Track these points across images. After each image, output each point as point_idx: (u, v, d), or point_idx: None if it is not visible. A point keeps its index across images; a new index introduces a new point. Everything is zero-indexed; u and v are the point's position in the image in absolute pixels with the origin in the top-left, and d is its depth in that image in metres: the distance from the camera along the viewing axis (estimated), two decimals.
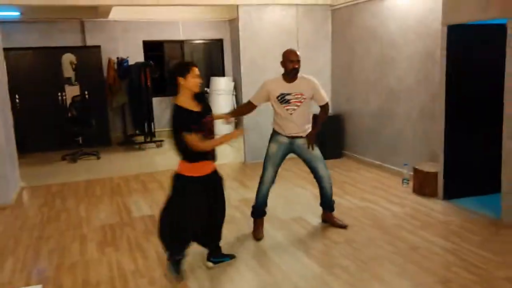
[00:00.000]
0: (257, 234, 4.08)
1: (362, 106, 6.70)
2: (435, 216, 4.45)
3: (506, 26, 4.00)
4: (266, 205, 4.15)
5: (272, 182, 4.10)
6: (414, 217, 4.45)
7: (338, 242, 3.93)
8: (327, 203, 4.30)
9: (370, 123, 6.57)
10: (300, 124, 3.98)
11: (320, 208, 4.38)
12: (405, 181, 5.48)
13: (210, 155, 3.27)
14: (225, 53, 10.44)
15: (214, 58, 10.66)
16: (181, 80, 3.14)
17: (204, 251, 3.57)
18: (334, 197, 4.31)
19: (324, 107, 4.11)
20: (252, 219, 4.19)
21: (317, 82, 4.02)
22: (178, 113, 3.13)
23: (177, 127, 3.12)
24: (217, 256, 3.58)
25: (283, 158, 4.09)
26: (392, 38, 5.91)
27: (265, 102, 4.07)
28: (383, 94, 6.20)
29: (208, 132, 3.22)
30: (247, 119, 6.64)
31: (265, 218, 4.21)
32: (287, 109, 3.93)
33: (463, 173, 4.85)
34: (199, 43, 10.48)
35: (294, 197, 5.30)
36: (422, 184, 5.06)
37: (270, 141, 4.10)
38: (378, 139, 6.40)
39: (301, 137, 4.02)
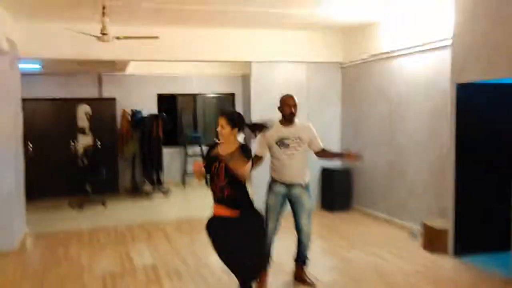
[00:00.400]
0: (261, 287, 3.95)
1: (372, 161, 6.68)
2: (444, 274, 4.30)
3: None
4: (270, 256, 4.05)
5: (275, 232, 4.03)
6: (423, 274, 4.30)
7: None
8: (300, 258, 4.14)
9: (379, 178, 6.52)
10: (298, 169, 3.98)
11: (332, 263, 4.20)
12: (414, 235, 5.36)
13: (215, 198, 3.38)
14: (236, 107, 10.65)
15: None
16: None
17: None
18: (341, 250, 4.24)
19: (322, 151, 4.13)
20: None
21: (313, 128, 4.09)
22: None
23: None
24: None
25: (282, 206, 4.05)
26: (401, 95, 6.00)
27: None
28: (393, 150, 6.21)
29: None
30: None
31: (270, 270, 4.08)
32: (286, 154, 3.95)
33: (474, 229, 4.72)
34: (212, 97, 10.74)
35: None
36: (432, 240, 4.93)
37: (267, 192, 4.08)
38: (388, 194, 6.33)
39: (299, 184, 3.99)
